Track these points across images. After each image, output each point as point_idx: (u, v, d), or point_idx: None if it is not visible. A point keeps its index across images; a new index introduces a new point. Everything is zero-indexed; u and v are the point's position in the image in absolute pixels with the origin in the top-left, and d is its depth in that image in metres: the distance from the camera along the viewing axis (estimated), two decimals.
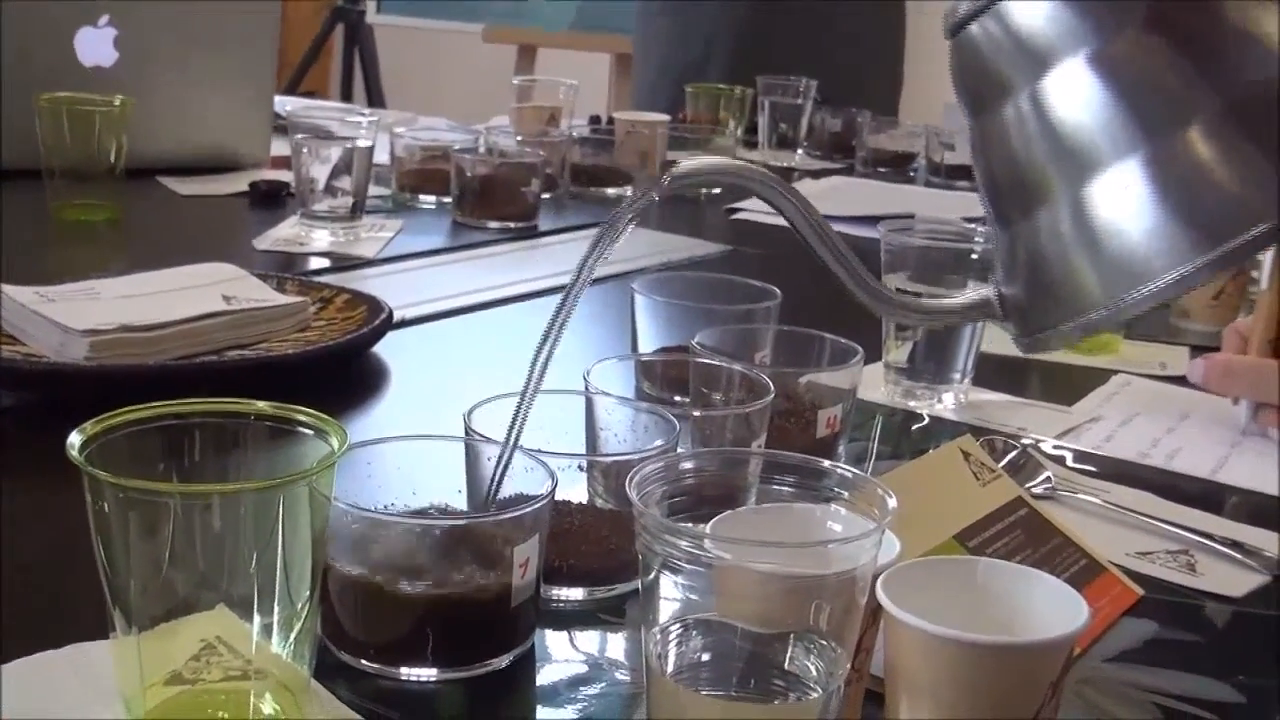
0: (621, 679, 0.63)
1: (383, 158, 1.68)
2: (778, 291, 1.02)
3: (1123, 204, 0.58)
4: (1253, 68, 0.57)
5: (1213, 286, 1.29)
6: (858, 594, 0.53)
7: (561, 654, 0.65)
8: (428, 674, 0.61)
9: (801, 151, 2.29)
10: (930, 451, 0.79)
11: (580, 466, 0.72)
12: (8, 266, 1.08)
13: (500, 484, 0.66)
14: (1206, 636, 0.72)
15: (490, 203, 1.59)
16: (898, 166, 2.23)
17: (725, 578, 0.53)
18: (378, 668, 0.61)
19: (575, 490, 0.71)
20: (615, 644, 0.67)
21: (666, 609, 0.54)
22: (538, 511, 0.63)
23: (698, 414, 0.79)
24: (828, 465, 0.59)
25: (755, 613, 0.53)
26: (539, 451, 0.67)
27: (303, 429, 0.57)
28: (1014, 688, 0.52)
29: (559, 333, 0.66)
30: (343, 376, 1.01)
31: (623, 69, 3.63)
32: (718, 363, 0.85)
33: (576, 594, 0.69)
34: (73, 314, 0.95)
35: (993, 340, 0.99)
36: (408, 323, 1.16)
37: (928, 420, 1.02)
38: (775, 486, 0.60)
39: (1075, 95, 0.59)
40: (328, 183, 1.49)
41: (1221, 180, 0.56)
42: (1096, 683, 0.65)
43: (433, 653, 0.61)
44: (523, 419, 0.65)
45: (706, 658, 0.54)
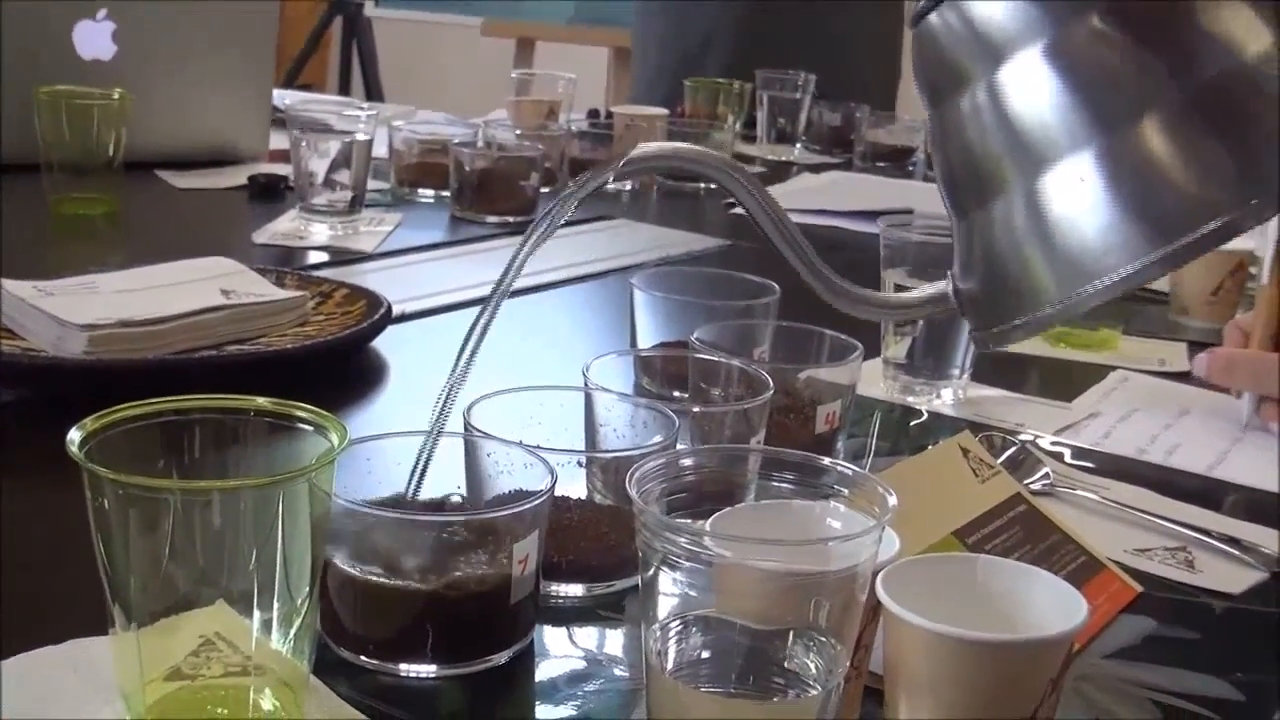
0: (620, 675, 0.63)
1: (381, 151, 1.68)
2: (777, 287, 1.01)
3: (1077, 197, 0.57)
4: (1210, 60, 0.56)
5: (1211, 283, 1.29)
6: (857, 591, 0.53)
7: (561, 650, 0.65)
8: (427, 670, 0.61)
9: (800, 146, 2.29)
10: (929, 448, 0.79)
11: (579, 462, 0.72)
12: (6, 261, 1.08)
13: (423, 475, 0.66)
14: (1205, 633, 0.72)
15: (489, 197, 1.59)
16: (896, 161, 2.23)
17: (725, 575, 0.53)
18: (377, 664, 0.61)
19: (574, 486, 0.71)
20: (614, 640, 0.67)
21: (666, 606, 0.54)
22: (537, 507, 0.63)
23: (697, 410, 0.79)
24: (827, 462, 0.59)
25: (755, 610, 0.53)
26: (538, 447, 0.67)
27: (302, 425, 0.57)
28: (1013, 684, 0.52)
29: (494, 310, 0.65)
30: (342, 371, 1.01)
31: (622, 63, 3.63)
32: (717, 358, 0.85)
33: (576, 590, 0.69)
34: (71, 308, 0.95)
35: None
36: (407, 317, 1.16)
37: (926, 416, 1.02)
38: (775, 483, 0.60)
39: (1031, 86, 0.58)
40: (326, 176, 1.48)
41: (1176, 174, 0.56)
42: (1095, 679, 0.65)
43: (432, 649, 0.61)
44: (449, 400, 0.66)
45: (706, 655, 0.55)
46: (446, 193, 1.63)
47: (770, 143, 2.27)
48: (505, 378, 0.75)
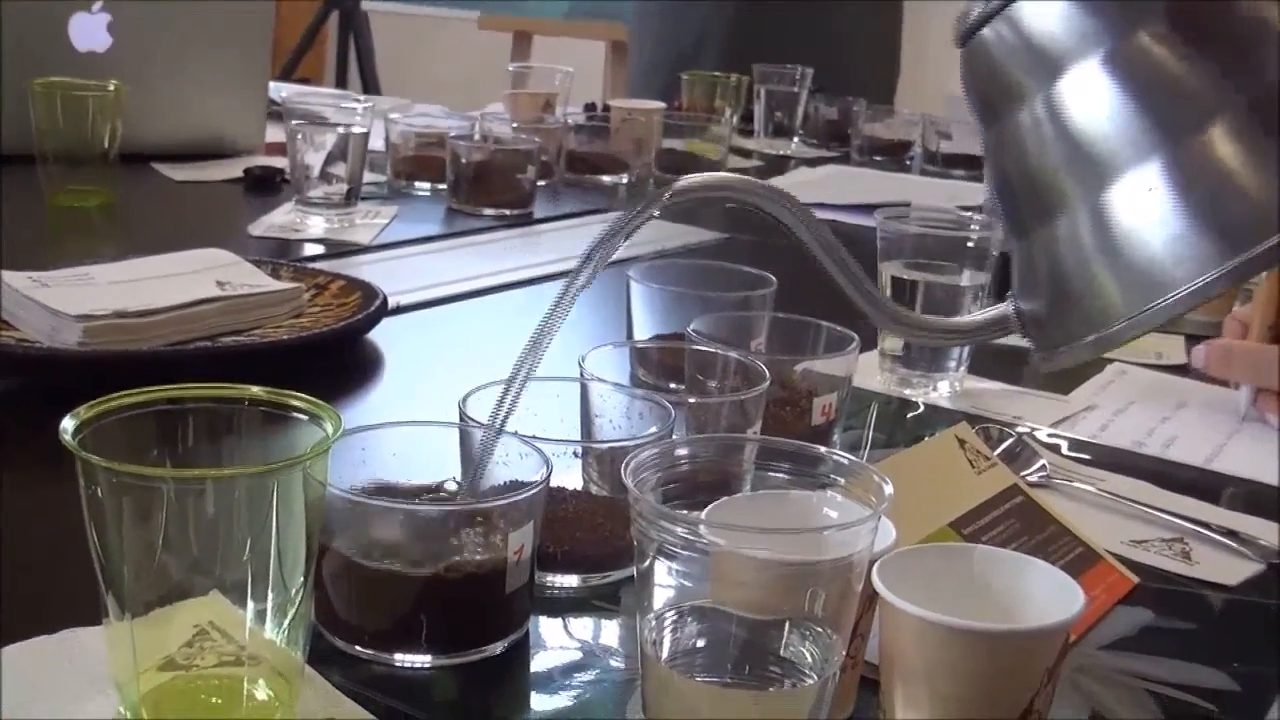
0: (616, 666, 0.63)
1: (378, 144, 1.67)
2: (773, 279, 1.01)
3: (1143, 210, 0.56)
4: (1274, 65, 0.55)
5: None
6: (853, 580, 0.53)
7: (556, 641, 0.65)
8: (422, 660, 0.61)
9: (797, 140, 2.29)
10: (926, 439, 0.79)
11: (575, 453, 0.72)
12: (2, 252, 1.07)
13: (484, 469, 0.66)
14: (1201, 624, 0.72)
15: (485, 190, 1.59)
16: (894, 155, 2.23)
17: (720, 564, 0.53)
18: (372, 654, 0.61)
19: (570, 477, 0.71)
20: (610, 631, 0.66)
21: (661, 595, 0.54)
22: (532, 498, 0.63)
23: (693, 401, 0.79)
24: (823, 452, 0.59)
25: (750, 599, 0.53)
26: (534, 438, 0.67)
27: (297, 414, 0.57)
28: (1009, 674, 0.52)
29: (548, 339, 0.65)
30: (337, 363, 1.01)
31: (619, 57, 3.63)
32: (713, 350, 0.85)
33: (571, 581, 0.69)
34: (66, 299, 0.94)
35: None
36: (402, 309, 1.16)
37: (923, 409, 1.02)
38: (771, 473, 0.60)
39: (1091, 98, 0.57)
40: (322, 169, 1.48)
41: (1244, 183, 0.54)
42: (1091, 670, 0.65)
43: (427, 639, 0.61)
44: (506, 415, 0.65)
45: (701, 644, 0.54)
46: (443, 185, 1.63)
47: (767, 136, 2.27)
48: (501, 368, 0.74)
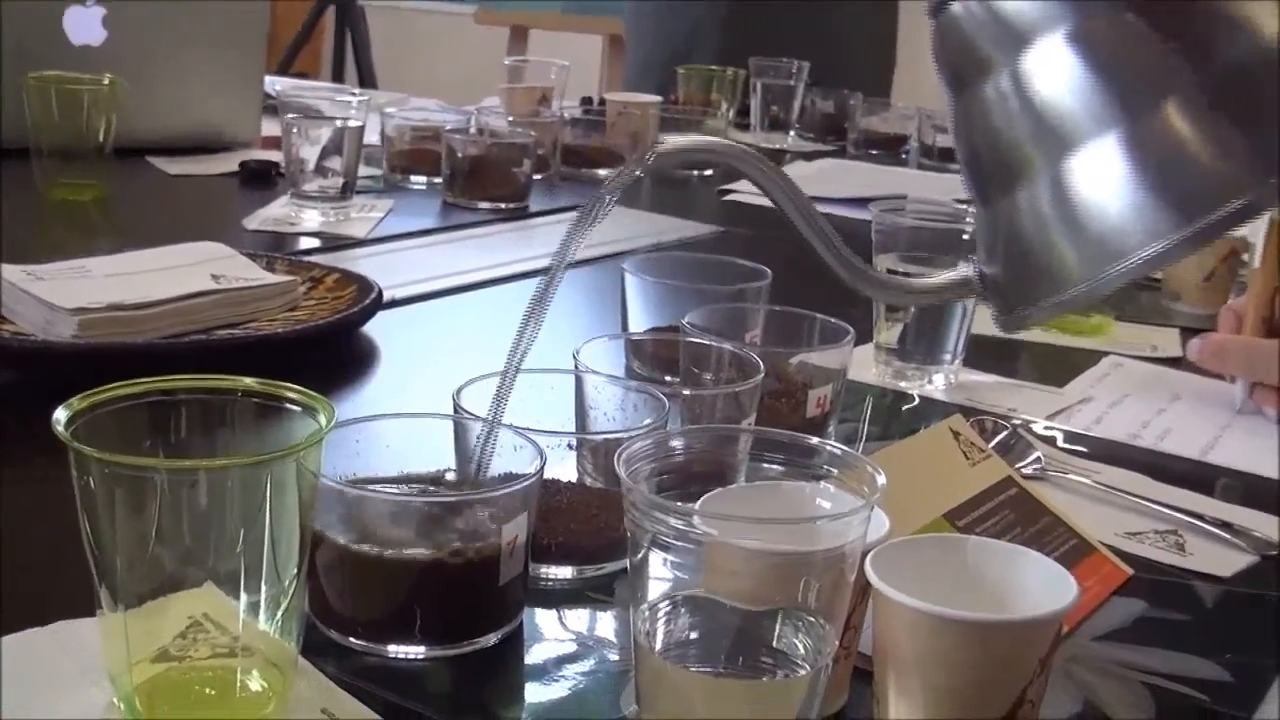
0: (610, 657, 0.63)
1: (373, 138, 1.67)
2: (768, 271, 1.01)
3: (1101, 180, 0.57)
4: (1232, 44, 0.57)
5: (1203, 268, 1.29)
6: (846, 571, 0.53)
7: (550, 632, 0.65)
8: (415, 651, 0.61)
9: (793, 133, 2.29)
10: (920, 431, 0.79)
11: (569, 445, 0.72)
12: None
13: (489, 462, 0.66)
14: (1195, 616, 0.72)
15: (481, 183, 1.59)
16: (890, 149, 2.23)
17: (713, 554, 0.53)
18: (365, 645, 0.61)
19: (564, 469, 0.71)
20: (604, 622, 0.67)
21: (654, 586, 0.54)
22: (526, 489, 0.63)
23: (687, 393, 0.79)
24: (816, 443, 0.59)
25: (743, 590, 0.53)
26: (528, 430, 0.67)
27: (290, 406, 0.57)
28: (1002, 665, 0.52)
29: (547, 302, 0.65)
30: (332, 356, 1.01)
31: (615, 50, 3.63)
32: (708, 342, 0.85)
33: (565, 573, 0.69)
34: (61, 292, 0.94)
35: (984, 322, 0.99)
36: (398, 303, 1.16)
37: (918, 401, 1.02)
38: (765, 464, 0.60)
39: (1054, 72, 0.59)
40: (318, 163, 1.48)
41: (1198, 155, 0.56)
42: (1085, 661, 0.65)
43: (420, 630, 0.61)
44: (504, 399, 0.65)
45: (695, 635, 0.54)
46: (438, 179, 1.63)
47: (764, 130, 2.27)
48: (496, 360, 0.74)
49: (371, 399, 0.97)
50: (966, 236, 1.02)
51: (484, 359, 0.73)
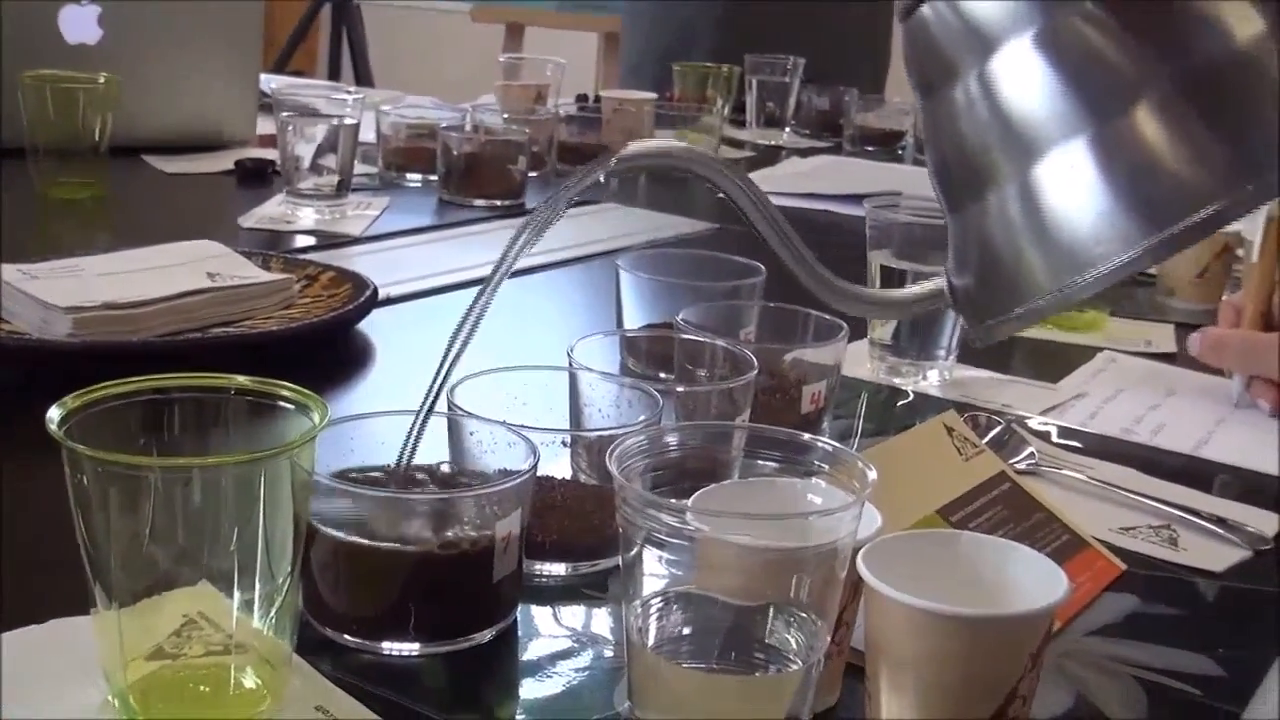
0: (604, 654, 0.63)
1: (369, 136, 1.67)
2: (763, 268, 1.01)
3: (1069, 187, 0.56)
4: (1200, 46, 0.55)
5: (1198, 264, 1.29)
6: (837, 567, 0.53)
7: (544, 629, 0.65)
8: (410, 648, 0.61)
9: (789, 130, 2.29)
10: (914, 427, 0.79)
11: (564, 442, 0.72)
12: None
13: (413, 451, 0.66)
14: (1188, 611, 0.72)
15: (476, 181, 1.59)
16: (885, 145, 2.23)
17: (705, 550, 0.53)
18: (359, 642, 0.61)
19: (559, 466, 0.71)
20: (598, 619, 0.67)
21: (647, 582, 0.54)
22: (520, 486, 0.63)
23: (681, 390, 0.79)
24: (809, 439, 0.59)
25: (735, 585, 0.53)
26: (522, 427, 0.67)
27: (284, 404, 0.57)
28: (993, 659, 0.52)
29: (487, 301, 0.65)
30: (328, 354, 1.01)
31: (611, 48, 3.62)
32: (702, 339, 0.85)
33: (559, 569, 0.69)
34: (56, 291, 0.94)
35: None
36: (393, 300, 1.16)
37: (913, 397, 1.02)
38: (759, 461, 0.60)
39: (1022, 76, 0.58)
40: (313, 161, 1.48)
41: (1168, 161, 0.55)
42: (1078, 656, 0.65)
43: (415, 627, 0.61)
44: (440, 385, 0.66)
45: (687, 631, 0.55)
46: (434, 177, 1.63)
47: (759, 127, 2.27)
48: (491, 358, 0.74)
49: (367, 396, 0.97)
50: None
51: (479, 356, 0.73)
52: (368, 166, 1.68)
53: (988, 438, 0.86)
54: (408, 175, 1.69)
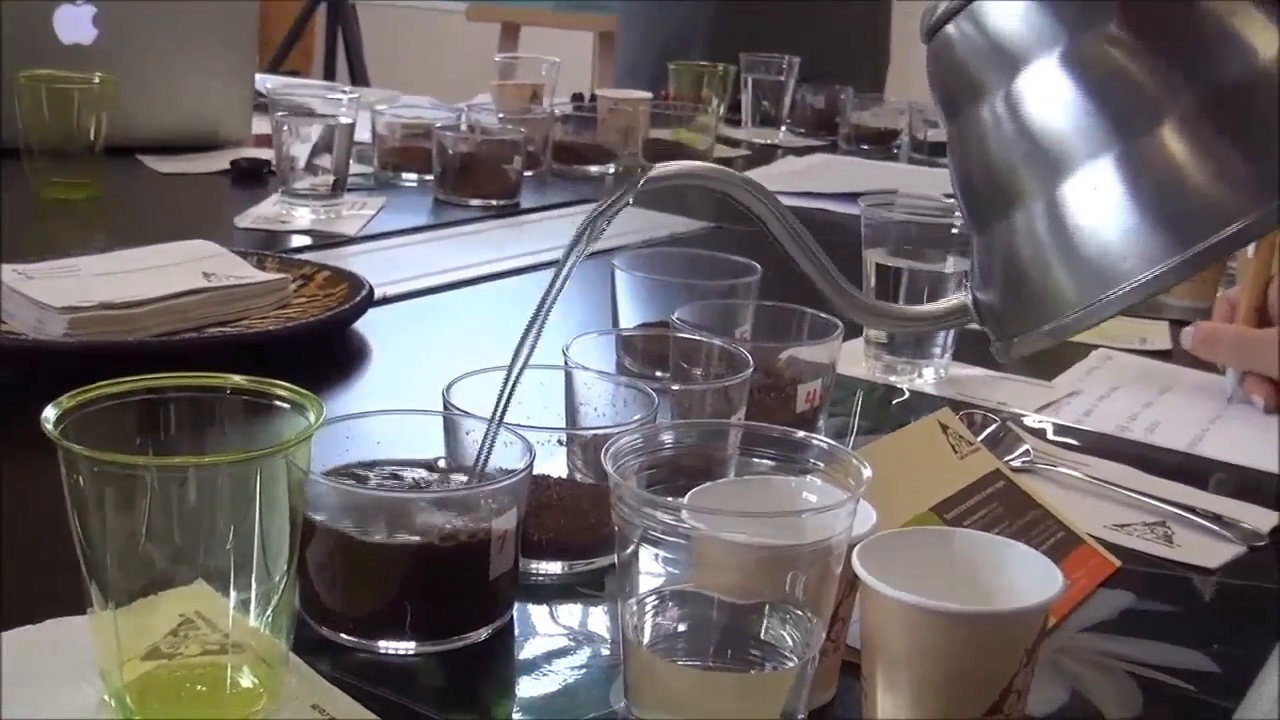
0: (600, 652, 0.63)
1: (364, 136, 1.67)
2: (758, 267, 1.02)
3: (1095, 205, 0.57)
4: (1227, 64, 0.56)
5: None
6: (833, 564, 0.53)
7: (540, 627, 0.65)
8: (406, 647, 0.61)
9: (784, 129, 2.29)
10: (909, 424, 0.79)
11: (560, 441, 0.72)
12: None
13: (486, 459, 0.66)
14: (1182, 607, 0.72)
15: (472, 180, 1.59)
16: (881, 143, 2.23)
17: (700, 548, 0.53)
18: (356, 641, 0.61)
19: (555, 464, 0.71)
20: (594, 617, 0.67)
21: (643, 580, 0.54)
22: (516, 485, 0.63)
23: (677, 388, 0.79)
24: (804, 437, 0.59)
25: (731, 583, 0.53)
26: (518, 426, 0.67)
27: (280, 403, 0.57)
28: (988, 656, 0.52)
29: (539, 329, 0.65)
30: (324, 353, 1.01)
31: (606, 47, 3.62)
32: (698, 338, 0.86)
33: (555, 568, 0.70)
34: (51, 291, 0.94)
35: None
36: (389, 300, 1.16)
37: (908, 395, 1.03)
38: (754, 459, 0.60)
39: (1048, 95, 0.58)
40: (309, 161, 1.48)
41: (1194, 179, 0.55)
42: (1073, 652, 0.66)
43: (411, 626, 0.61)
44: (505, 404, 0.66)
45: (683, 628, 0.55)
46: (430, 176, 1.63)
47: (755, 126, 2.27)
48: (487, 357, 0.74)
49: (363, 396, 0.97)
50: (956, 231, 1.02)
51: (475, 355, 0.73)
52: (363, 166, 1.68)
53: (983, 435, 0.86)
54: (403, 175, 1.69)
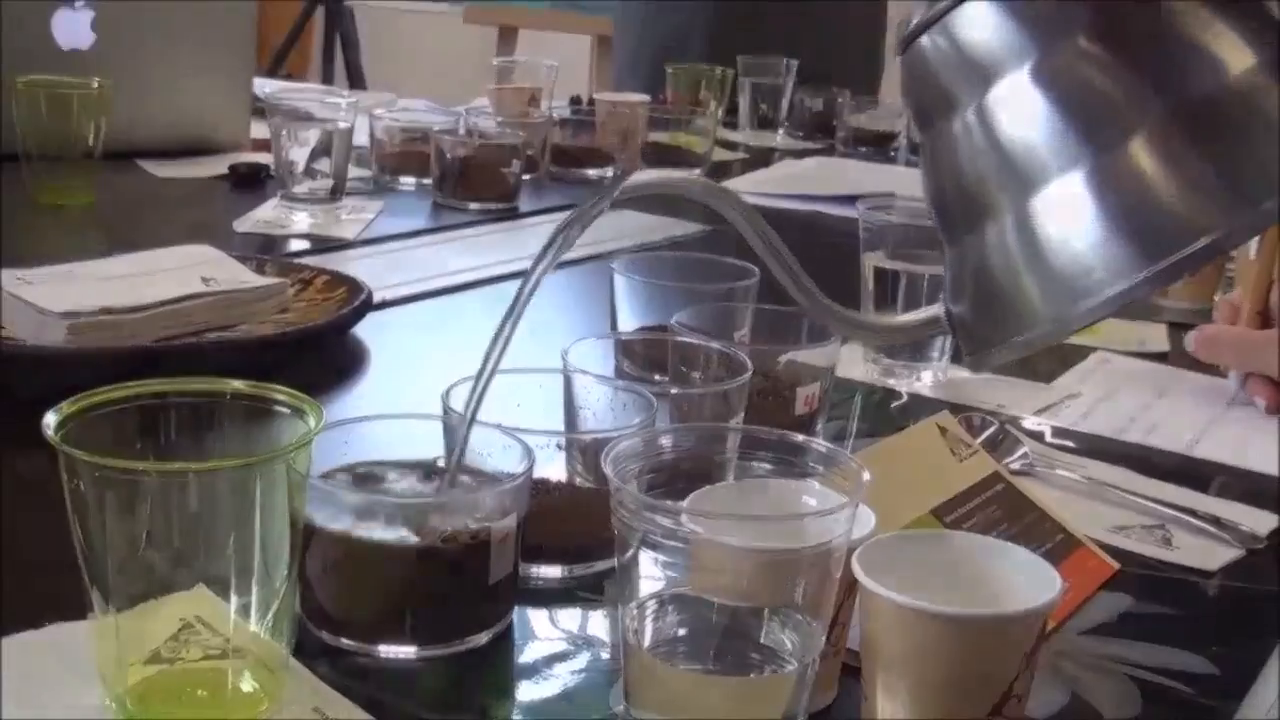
0: (600, 656, 0.63)
1: (362, 140, 1.67)
2: (757, 270, 1.01)
3: (1067, 217, 0.57)
4: (1194, 79, 0.56)
5: None
6: (832, 567, 0.53)
7: (540, 631, 0.65)
8: (406, 652, 0.61)
9: (782, 132, 2.29)
10: (908, 428, 0.79)
11: (559, 445, 0.72)
12: None
13: (460, 459, 0.66)
14: (1181, 610, 0.73)
15: (470, 184, 1.59)
16: (878, 146, 2.23)
17: (700, 552, 0.53)
18: (356, 645, 0.61)
19: (554, 469, 0.72)
20: (594, 621, 0.67)
21: (643, 585, 0.54)
22: (516, 489, 0.63)
23: (675, 392, 0.79)
24: (803, 441, 0.59)
25: (730, 587, 0.53)
26: (517, 430, 0.67)
27: (279, 408, 0.57)
28: (988, 659, 0.52)
29: (508, 339, 0.66)
30: (323, 358, 1.01)
31: (604, 50, 3.62)
32: (696, 341, 0.86)
33: (555, 572, 0.70)
34: (51, 297, 0.94)
35: None
36: (388, 304, 1.16)
37: (907, 398, 1.03)
38: (753, 463, 0.60)
39: (1019, 108, 0.58)
40: (307, 165, 1.48)
41: (1165, 192, 0.55)
42: (1072, 655, 0.66)
43: (411, 630, 0.61)
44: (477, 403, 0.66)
45: (682, 632, 0.55)
46: (428, 180, 1.63)
47: (752, 129, 2.27)
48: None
49: (362, 400, 0.97)
50: None
51: (474, 359, 0.73)
52: (362, 170, 1.68)
53: (981, 438, 0.87)
54: (402, 179, 1.69)
